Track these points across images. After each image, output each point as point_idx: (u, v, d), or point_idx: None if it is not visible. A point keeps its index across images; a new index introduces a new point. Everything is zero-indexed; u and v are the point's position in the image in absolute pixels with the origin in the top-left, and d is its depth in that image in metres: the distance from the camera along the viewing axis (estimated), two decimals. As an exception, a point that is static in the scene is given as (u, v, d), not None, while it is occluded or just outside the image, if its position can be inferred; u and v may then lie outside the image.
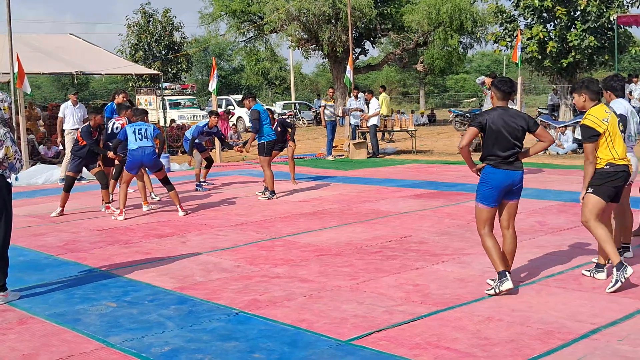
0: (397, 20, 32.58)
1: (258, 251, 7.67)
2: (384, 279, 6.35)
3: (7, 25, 16.59)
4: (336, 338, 4.84)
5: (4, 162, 6.00)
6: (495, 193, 5.68)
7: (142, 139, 9.98)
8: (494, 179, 5.65)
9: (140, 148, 9.96)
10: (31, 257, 7.81)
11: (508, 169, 5.64)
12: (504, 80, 5.76)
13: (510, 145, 5.62)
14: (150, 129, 10.10)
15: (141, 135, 9.99)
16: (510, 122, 5.62)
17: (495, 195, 5.69)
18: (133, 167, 10.07)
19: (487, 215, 5.75)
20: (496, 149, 5.63)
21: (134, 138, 9.97)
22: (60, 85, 59.94)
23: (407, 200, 10.91)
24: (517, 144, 5.65)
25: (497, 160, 5.64)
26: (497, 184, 5.65)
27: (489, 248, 5.72)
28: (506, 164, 5.64)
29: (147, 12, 43.72)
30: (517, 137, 5.63)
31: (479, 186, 5.78)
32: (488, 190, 5.69)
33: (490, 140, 5.64)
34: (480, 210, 5.77)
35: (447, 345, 4.63)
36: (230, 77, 67.10)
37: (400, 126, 19.94)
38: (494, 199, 5.71)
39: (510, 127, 5.60)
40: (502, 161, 5.63)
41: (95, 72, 22.64)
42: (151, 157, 10.05)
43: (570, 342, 4.62)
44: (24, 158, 16.42)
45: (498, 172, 5.64)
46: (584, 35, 21.53)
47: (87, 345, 4.87)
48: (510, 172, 5.64)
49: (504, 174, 5.63)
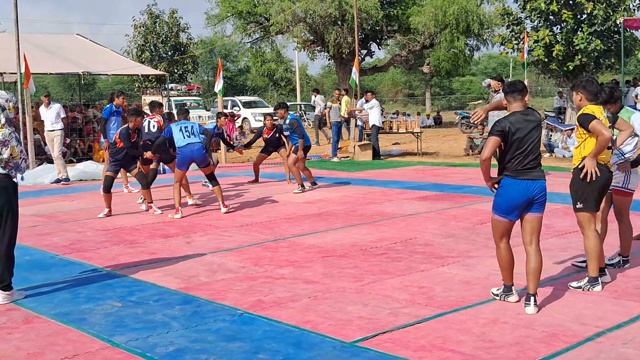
0: (403, 22, 32.55)
1: (263, 252, 7.68)
2: (389, 280, 6.34)
3: (14, 25, 16.64)
4: (341, 339, 4.84)
5: (10, 162, 6.02)
6: (513, 205, 5.34)
7: (190, 135, 10.22)
8: (513, 191, 5.31)
9: (190, 144, 10.15)
10: (37, 256, 7.83)
11: (528, 179, 5.28)
12: (511, 83, 5.48)
13: (532, 151, 5.29)
14: (196, 125, 10.39)
15: (188, 132, 10.23)
16: (530, 127, 5.29)
17: (512, 208, 5.35)
18: (183, 163, 10.27)
19: (504, 228, 5.45)
20: (516, 157, 5.28)
21: (181, 136, 10.19)
22: (67, 85, 60.13)
23: (413, 202, 10.91)
24: (538, 149, 5.34)
25: (517, 170, 5.30)
26: (515, 196, 5.30)
27: (500, 259, 5.51)
28: (526, 173, 5.29)
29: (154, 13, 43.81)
30: (537, 143, 5.32)
31: (495, 196, 5.45)
32: (504, 202, 5.36)
33: (511, 148, 5.28)
34: (496, 222, 5.48)
35: (452, 347, 4.63)
36: (236, 78, 67.18)
37: (405, 128, 19.94)
38: (513, 213, 5.38)
39: (530, 132, 5.28)
40: (522, 170, 5.29)
41: (101, 72, 22.71)
42: (201, 152, 10.25)
43: (575, 345, 4.61)
44: (30, 158, 16.50)
45: (518, 183, 5.29)
46: (590, 38, 21.50)
47: (92, 345, 4.88)
48: (530, 183, 5.27)
49: (524, 185, 5.29)
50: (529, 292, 5.35)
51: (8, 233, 6.02)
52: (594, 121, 5.61)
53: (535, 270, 5.34)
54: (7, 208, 5.99)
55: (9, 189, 6.02)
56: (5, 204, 5.97)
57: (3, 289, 6.00)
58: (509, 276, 5.53)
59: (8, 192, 6.00)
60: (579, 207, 5.88)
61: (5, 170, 6.00)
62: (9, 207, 6.01)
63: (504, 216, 5.39)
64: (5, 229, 6.00)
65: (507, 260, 5.49)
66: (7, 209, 5.99)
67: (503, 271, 5.55)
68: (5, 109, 6.13)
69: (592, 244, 5.85)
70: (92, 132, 21.47)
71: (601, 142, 5.62)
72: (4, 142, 6.00)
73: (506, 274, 5.53)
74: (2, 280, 6.01)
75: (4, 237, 6.01)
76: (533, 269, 5.34)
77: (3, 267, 6.01)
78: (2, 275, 6.00)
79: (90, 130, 21.55)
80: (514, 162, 5.29)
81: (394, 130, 19.95)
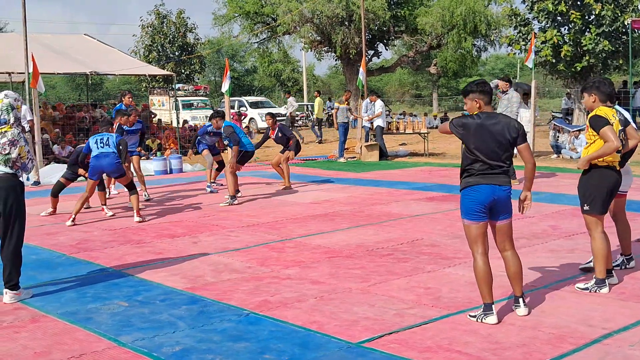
0: (410, 22, 32.51)
1: (269, 252, 7.68)
2: (395, 281, 6.34)
3: (23, 25, 16.70)
4: (347, 340, 4.84)
5: (17, 162, 6.05)
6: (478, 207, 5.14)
7: (104, 146, 10.15)
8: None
9: (102, 155, 10.10)
10: (44, 255, 7.86)
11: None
12: (478, 82, 5.43)
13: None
14: (113, 137, 10.30)
15: (102, 143, 10.17)
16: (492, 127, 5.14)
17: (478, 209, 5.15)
18: (94, 173, 10.12)
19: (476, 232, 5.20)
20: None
21: (95, 147, 10.17)
22: (74, 85, 60.29)
23: (419, 202, 10.89)
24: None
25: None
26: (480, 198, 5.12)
27: (476, 273, 5.16)
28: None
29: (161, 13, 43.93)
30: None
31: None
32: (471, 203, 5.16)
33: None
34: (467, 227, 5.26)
35: (459, 348, 4.62)
36: (243, 79, 67.24)
37: (412, 129, 19.92)
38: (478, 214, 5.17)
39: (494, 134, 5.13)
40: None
41: (109, 72, 22.77)
42: (111, 163, 10.12)
43: (582, 346, 4.60)
44: (37, 157, 16.55)
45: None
46: (598, 39, 21.44)
47: (99, 344, 4.89)
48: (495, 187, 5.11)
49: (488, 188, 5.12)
50: (516, 294, 5.28)
51: (16, 233, 6.05)
52: (606, 127, 5.61)
53: (516, 272, 5.23)
54: (16, 208, 6.02)
55: (17, 188, 6.05)
56: (13, 203, 6.00)
57: (11, 288, 6.03)
58: (488, 292, 5.13)
59: (16, 192, 6.03)
60: (586, 209, 5.87)
61: (12, 170, 6.03)
62: (17, 207, 6.04)
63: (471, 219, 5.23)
64: (13, 229, 6.03)
65: (483, 273, 5.17)
66: (16, 208, 6.02)
67: (480, 287, 5.19)
68: (14, 109, 6.16)
69: (599, 245, 5.84)
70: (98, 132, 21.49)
71: (606, 149, 5.65)
72: (13, 141, 6.03)
73: (483, 290, 5.15)
74: (10, 280, 6.03)
75: (12, 236, 6.03)
76: (514, 272, 5.24)
77: (11, 267, 6.04)
78: (9, 275, 6.03)
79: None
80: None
81: (400, 130, 19.93)
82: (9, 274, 6.03)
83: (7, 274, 6.04)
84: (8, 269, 6.03)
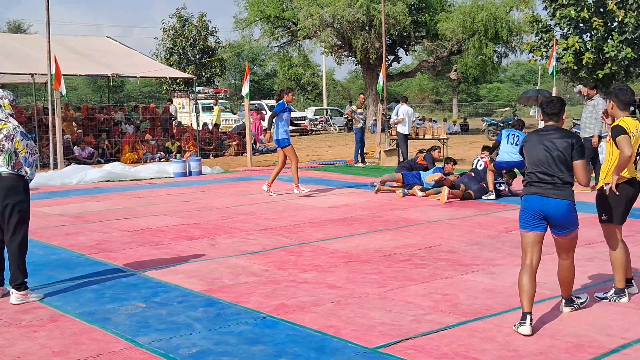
0: (431, 28, 32.48)
1: (287, 256, 7.69)
2: (412, 287, 6.32)
3: (46, 27, 16.88)
4: (363, 345, 4.83)
5: (18, 158, 6.02)
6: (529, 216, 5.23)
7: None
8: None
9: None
10: (63, 255, 7.91)
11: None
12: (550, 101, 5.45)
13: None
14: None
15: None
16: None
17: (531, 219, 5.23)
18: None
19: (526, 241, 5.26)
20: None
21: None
22: (96, 87, 60.77)
23: (438, 208, 10.86)
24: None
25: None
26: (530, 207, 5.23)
27: (519, 284, 5.15)
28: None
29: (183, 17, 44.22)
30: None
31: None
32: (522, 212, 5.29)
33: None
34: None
35: (476, 355, 4.59)
36: (263, 82, 67.46)
37: (432, 134, 19.87)
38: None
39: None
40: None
41: (130, 74, 22.94)
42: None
43: (600, 356, 4.56)
44: (58, 158, 16.70)
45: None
46: (620, 46, 21.29)
47: (116, 345, 4.92)
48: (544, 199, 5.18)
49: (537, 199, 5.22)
50: (562, 295, 5.56)
51: (20, 233, 6.03)
52: (622, 136, 5.63)
53: (565, 277, 5.48)
54: (18, 208, 5.99)
55: (20, 188, 6.02)
56: (16, 204, 5.98)
57: (16, 289, 5.99)
58: (527, 303, 5.07)
59: (19, 192, 6.01)
60: (604, 218, 5.85)
61: (15, 170, 6.01)
62: (20, 207, 6.01)
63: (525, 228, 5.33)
64: (16, 229, 6.00)
65: (527, 285, 5.13)
66: (18, 209, 5.99)
67: (520, 297, 5.15)
68: (0, 106, 6.09)
69: (618, 255, 5.80)
70: (119, 133, 21.69)
71: (621, 162, 5.65)
72: (9, 136, 5.96)
73: (523, 300, 5.11)
74: (15, 280, 6.00)
75: (16, 237, 6.01)
76: (563, 277, 5.50)
77: (15, 267, 6.00)
78: (14, 275, 6.00)
79: (117, 132, 21.77)
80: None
81: (420, 136, 19.88)
82: (13, 274, 6.00)
83: (11, 274, 6.02)
84: (13, 269, 6.00)
